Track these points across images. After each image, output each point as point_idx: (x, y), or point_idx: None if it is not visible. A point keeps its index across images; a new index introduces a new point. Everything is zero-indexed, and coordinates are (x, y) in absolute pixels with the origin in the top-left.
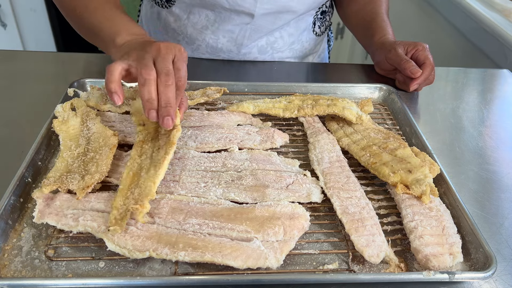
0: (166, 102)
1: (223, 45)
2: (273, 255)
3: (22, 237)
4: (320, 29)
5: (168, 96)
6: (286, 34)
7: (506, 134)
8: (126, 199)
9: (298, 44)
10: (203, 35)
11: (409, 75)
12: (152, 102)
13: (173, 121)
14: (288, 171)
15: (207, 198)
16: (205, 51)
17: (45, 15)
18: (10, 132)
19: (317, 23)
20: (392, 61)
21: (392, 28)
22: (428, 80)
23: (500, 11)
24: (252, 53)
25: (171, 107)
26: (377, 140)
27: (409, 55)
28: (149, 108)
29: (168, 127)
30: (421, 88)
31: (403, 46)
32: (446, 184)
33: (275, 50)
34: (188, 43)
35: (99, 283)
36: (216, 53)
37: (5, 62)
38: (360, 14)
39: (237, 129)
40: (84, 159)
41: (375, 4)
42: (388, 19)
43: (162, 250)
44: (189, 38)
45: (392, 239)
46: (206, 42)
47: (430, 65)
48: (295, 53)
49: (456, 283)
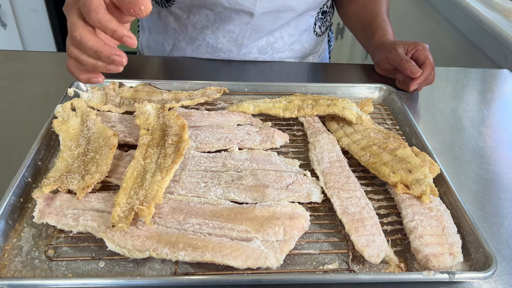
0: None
1: (223, 45)
2: (273, 255)
3: (22, 237)
4: (320, 29)
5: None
6: (286, 35)
7: (506, 134)
8: (129, 198)
9: (299, 44)
10: (203, 35)
11: (409, 75)
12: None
13: (132, 38)
14: (288, 171)
15: (207, 198)
16: (205, 51)
17: (45, 15)
18: (10, 132)
19: (318, 23)
20: (392, 61)
21: (392, 28)
22: (428, 80)
23: (500, 11)
24: (252, 53)
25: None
26: (377, 140)
27: (409, 55)
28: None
29: (132, 46)
30: (421, 88)
31: (403, 46)
32: (446, 184)
33: (275, 50)
34: (188, 43)
35: (99, 283)
36: (216, 53)
37: (5, 62)
38: (360, 14)
39: (237, 129)
40: (84, 159)
41: (375, 4)
42: (388, 19)
43: (162, 250)
44: (189, 38)
45: (392, 239)
46: (206, 42)
47: (430, 65)
48: (295, 53)
49: (456, 283)
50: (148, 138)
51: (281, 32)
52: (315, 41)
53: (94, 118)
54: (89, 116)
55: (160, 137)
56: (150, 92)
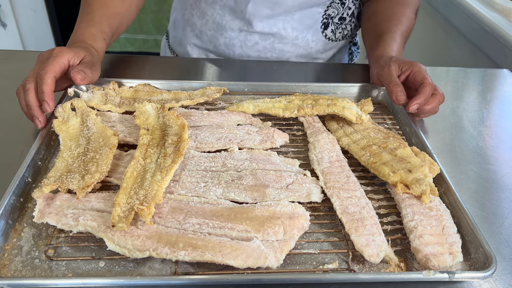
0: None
1: (227, 23)
2: (273, 254)
3: (22, 237)
4: (334, 33)
5: (27, 100)
6: (289, 27)
7: (506, 134)
8: (129, 198)
9: (303, 40)
10: (212, 10)
11: (394, 100)
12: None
13: (49, 105)
14: (288, 171)
15: (207, 197)
16: (211, 27)
17: (45, 15)
18: (10, 132)
19: (331, 26)
20: (383, 79)
21: (400, 46)
22: (433, 109)
23: (500, 11)
24: (253, 39)
25: (31, 108)
26: (377, 139)
27: (404, 76)
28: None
29: (37, 126)
30: (425, 116)
31: (398, 64)
32: (446, 183)
33: (277, 39)
34: (199, 17)
35: (99, 283)
36: (219, 31)
37: (5, 62)
38: (373, 29)
39: (237, 129)
40: (84, 159)
41: (390, 22)
42: (401, 38)
43: (162, 249)
44: (201, 12)
45: (392, 239)
46: (213, 18)
47: (429, 84)
48: (298, 50)
49: (456, 282)
50: (148, 138)
51: (284, 24)
52: (324, 44)
53: (94, 118)
54: (89, 116)
55: (160, 137)
56: (150, 92)
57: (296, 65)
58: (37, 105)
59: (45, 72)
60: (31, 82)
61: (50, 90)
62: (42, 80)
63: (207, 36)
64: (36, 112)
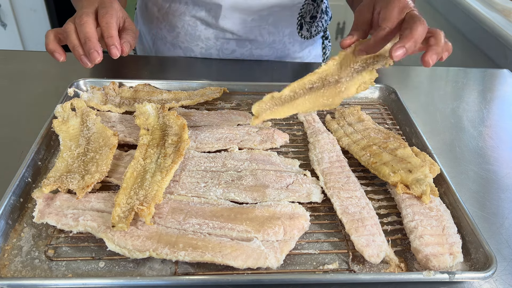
0: (107, 34)
1: (201, 33)
2: (273, 255)
3: (22, 237)
4: (309, 32)
5: (85, 32)
6: (265, 32)
7: (506, 134)
8: (129, 198)
9: (280, 43)
10: (182, 22)
11: (375, 38)
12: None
13: (118, 49)
14: (288, 171)
15: (207, 198)
16: (184, 39)
17: (45, 15)
18: (10, 132)
19: (305, 26)
20: (381, 17)
21: None
22: (443, 46)
23: (500, 11)
24: (230, 46)
25: (111, 37)
26: (377, 140)
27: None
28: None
29: (114, 56)
30: (433, 60)
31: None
32: (446, 184)
33: (254, 45)
34: (169, 31)
35: (99, 283)
36: (194, 42)
37: (5, 62)
38: None
39: (237, 129)
40: (84, 159)
41: None
42: None
43: (162, 250)
44: (170, 25)
45: (392, 239)
46: (185, 30)
47: (419, 20)
48: (276, 52)
49: (456, 283)
50: (148, 138)
51: (260, 30)
52: (300, 43)
53: (94, 118)
54: (89, 116)
55: (160, 137)
56: (150, 92)
57: (297, 65)
58: (97, 38)
59: (110, 16)
60: (91, 16)
61: (118, 36)
62: (109, 24)
63: (180, 49)
64: (95, 44)
